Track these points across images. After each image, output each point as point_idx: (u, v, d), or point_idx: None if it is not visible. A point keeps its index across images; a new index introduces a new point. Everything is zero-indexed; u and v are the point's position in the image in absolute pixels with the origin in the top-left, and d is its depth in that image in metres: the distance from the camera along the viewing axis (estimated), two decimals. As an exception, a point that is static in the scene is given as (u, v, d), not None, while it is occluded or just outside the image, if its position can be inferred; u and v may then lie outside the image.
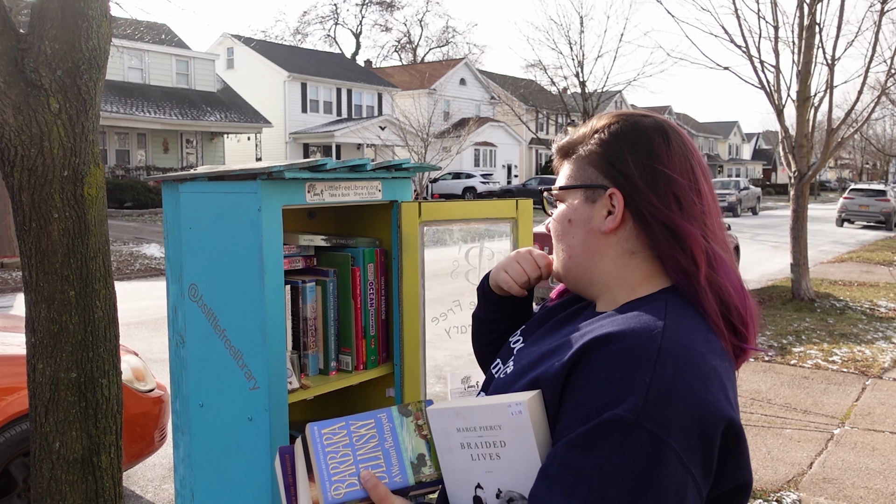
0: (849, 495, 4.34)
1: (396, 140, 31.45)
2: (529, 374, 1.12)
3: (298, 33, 56.30)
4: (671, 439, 0.96)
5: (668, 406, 0.97)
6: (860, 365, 7.21)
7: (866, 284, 12.62)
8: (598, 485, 0.95)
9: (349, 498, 1.11)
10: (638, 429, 0.95)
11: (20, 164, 2.19)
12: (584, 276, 1.23)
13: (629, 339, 1.03)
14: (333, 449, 1.16)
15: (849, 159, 61.32)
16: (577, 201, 1.22)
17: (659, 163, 1.15)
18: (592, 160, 1.21)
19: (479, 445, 1.10)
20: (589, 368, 1.03)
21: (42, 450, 2.33)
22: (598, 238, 1.19)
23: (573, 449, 0.99)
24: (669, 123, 1.22)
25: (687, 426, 0.97)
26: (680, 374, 1.00)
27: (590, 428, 0.98)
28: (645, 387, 0.97)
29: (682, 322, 1.08)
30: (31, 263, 2.27)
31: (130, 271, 13.39)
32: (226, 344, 1.79)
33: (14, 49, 2.16)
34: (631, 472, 0.95)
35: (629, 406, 0.96)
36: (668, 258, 1.14)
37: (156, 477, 4.59)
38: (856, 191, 27.99)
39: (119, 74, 26.86)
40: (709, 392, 1.01)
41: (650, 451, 0.95)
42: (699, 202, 1.16)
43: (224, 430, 1.83)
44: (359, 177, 1.92)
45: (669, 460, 0.95)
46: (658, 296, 1.14)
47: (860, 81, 10.33)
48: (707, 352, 1.06)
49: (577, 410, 1.01)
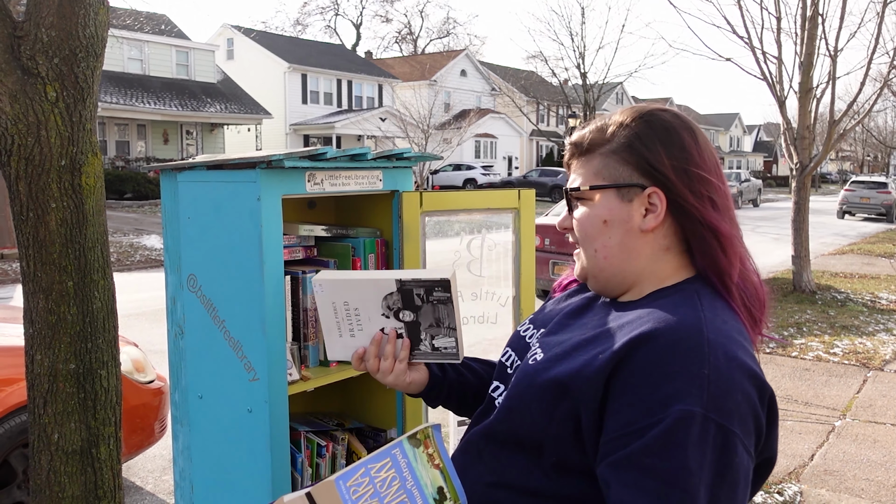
0: (850, 487, 4.34)
1: (397, 131, 31.39)
2: (566, 362, 1.12)
3: (299, 24, 56.17)
4: (736, 428, 0.99)
5: (729, 396, 1.00)
6: (861, 357, 7.20)
7: (867, 276, 12.61)
8: (688, 485, 0.96)
9: None
10: (708, 422, 0.98)
11: (17, 153, 2.17)
12: (617, 275, 1.22)
13: (677, 333, 1.04)
14: (363, 502, 1.11)
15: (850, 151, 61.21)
16: (611, 200, 1.20)
17: (692, 160, 1.16)
18: (624, 158, 1.19)
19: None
20: (641, 364, 1.03)
21: (41, 441, 2.32)
22: (637, 237, 1.18)
23: (653, 453, 0.98)
24: (687, 118, 1.23)
25: (745, 413, 1.01)
26: (731, 363, 1.02)
27: (665, 429, 0.98)
28: (705, 379, 0.99)
29: (717, 313, 1.10)
30: (28, 254, 2.25)
31: (131, 262, 13.37)
32: (225, 335, 1.77)
33: (10, 36, 2.13)
34: (709, 465, 0.97)
35: (696, 399, 0.98)
36: (704, 255, 1.16)
37: (156, 468, 4.59)
38: (857, 183, 27.93)
39: (119, 65, 26.78)
40: (750, 377, 1.04)
41: (720, 443, 0.98)
42: (725, 197, 1.19)
43: (223, 421, 1.82)
44: (359, 166, 1.90)
45: (738, 448, 0.99)
46: (685, 285, 1.17)
47: (862, 73, 10.29)
48: (743, 341, 1.09)
49: (638, 406, 1.01)
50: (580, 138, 1.26)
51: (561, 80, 30.68)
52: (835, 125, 10.42)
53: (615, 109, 1.29)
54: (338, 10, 59.77)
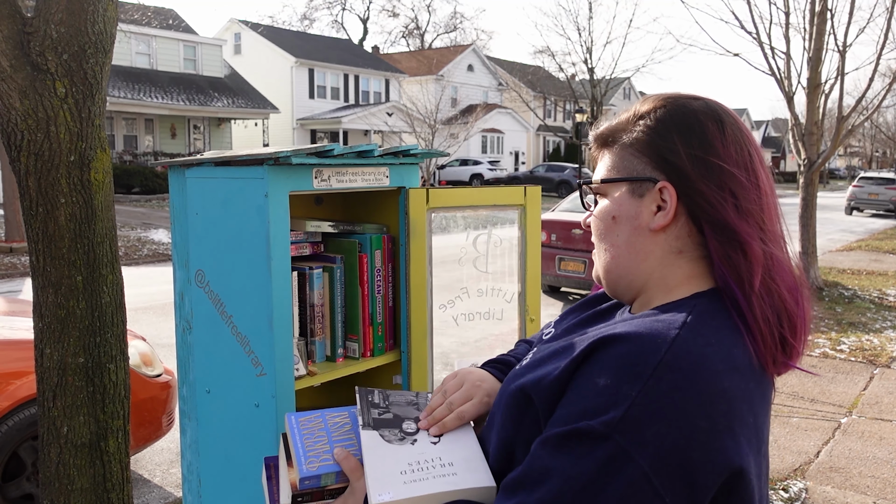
0: (856, 484, 4.33)
1: (404, 126, 31.35)
2: (538, 369, 1.06)
3: (306, 19, 56.10)
4: (642, 460, 0.88)
5: (650, 425, 0.89)
6: (868, 354, 7.19)
7: (875, 273, 12.56)
8: (557, 487, 0.91)
9: (323, 471, 1.15)
10: (608, 441, 0.89)
11: (27, 148, 2.19)
12: (625, 277, 1.12)
13: (631, 345, 0.94)
14: (309, 432, 1.21)
15: (858, 147, 60.87)
16: (622, 195, 1.10)
17: (713, 153, 1.04)
18: (638, 149, 1.09)
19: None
20: (587, 369, 0.96)
21: (50, 434, 2.34)
22: (646, 236, 1.08)
23: (546, 447, 0.95)
24: (722, 107, 1.10)
25: (668, 451, 0.88)
26: (675, 394, 0.90)
27: (564, 431, 0.93)
28: (630, 400, 0.89)
29: (703, 334, 0.97)
30: (38, 248, 2.26)
31: (138, 257, 13.42)
32: (232, 330, 1.79)
33: (20, 33, 2.14)
34: (590, 482, 0.89)
35: (606, 419, 0.90)
36: (721, 260, 1.03)
37: (163, 461, 4.62)
38: (865, 179, 27.80)
39: (127, 60, 26.83)
40: (707, 418, 0.90)
41: (615, 466, 0.88)
42: (757, 197, 1.05)
43: (231, 416, 1.83)
44: (366, 163, 1.91)
45: (634, 480, 0.88)
46: (689, 301, 1.04)
47: (871, 68, 10.25)
48: (723, 370, 0.94)
49: (563, 409, 0.96)
50: (602, 129, 1.16)
51: (568, 75, 30.62)
52: (843, 121, 10.37)
53: (622, 105, 1.24)
54: (345, 5, 59.66)
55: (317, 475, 1.15)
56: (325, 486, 1.16)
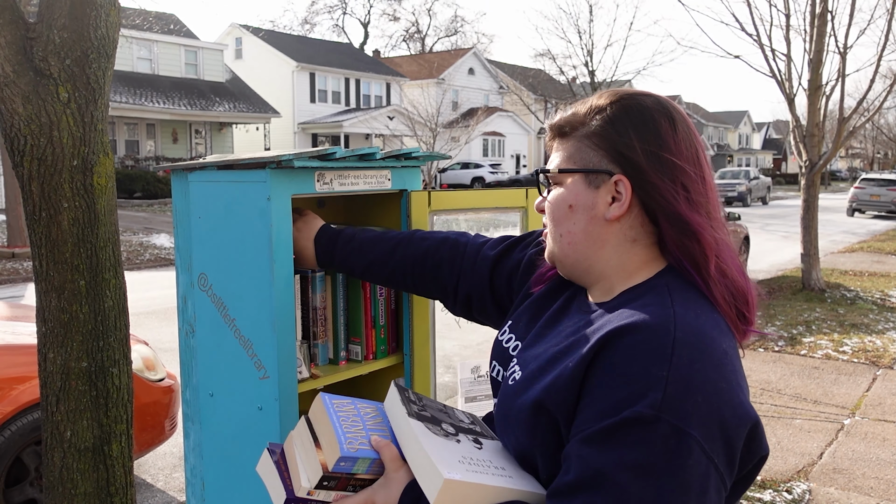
0: (859, 486, 4.33)
1: (405, 130, 31.41)
2: (543, 378, 1.09)
3: (307, 23, 56.23)
4: (693, 430, 0.95)
5: (688, 397, 0.96)
6: (871, 355, 7.18)
7: (877, 274, 12.55)
8: (621, 479, 0.94)
9: (361, 455, 1.11)
10: (660, 423, 0.94)
11: (30, 153, 2.19)
12: (582, 263, 1.18)
13: (643, 333, 1.00)
14: (345, 415, 1.17)
15: (860, 149, 60.86)
16: (579, 185, 1.16)
17: (667, 150, 1.11)
18: (595, 143, 1.15)
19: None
20: (603, 364, 1.01)
21: (53, 438, 2.34)
22: (602, 225, 1.15)
23: (592, 444, 0.97)
24: (672, 104, 1.18)
25: (707, 416, 0.96)
26: (695, 364, 0.98)
27: (609, 424, 0.96)
28: (663, 381, 0.96)
29: (690, 307, 1.06)
30: (41, 253, 2.27)
31: (141, 261, 13.44)
32: (235, 333, 1.79)
33: (23, 38, 2.15)
34: (654, 465, 0.94)
35: (649, 402, 0.95)
36: (677, 248, 1.11)
37: (167, 465, 4.62)
38: (867, 180, 27.78)
39: (128, 65, 26.89)
40: (726, 380, 1.00)
41: (673, 443, 0.94)
42: (704, 190, 1.13)
43: (234, 419, 1.84)
44: (368, 165, 1.91)
45: (693, 451, 0.95)
46: (656, 281, 1.12)
47: (872, 70, 10.25)
48: (717, 335, 1.04)
49: (593, 407, 0.99)
50: (559, 120, 1.22)
51: (569, 78, 30.63)
52: (844, 122, 10.37)
53: None
54: (346, 9, 59.74)
55: (354, 457, 1.11)
56: (355, 472, 1.12)
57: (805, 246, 10.56)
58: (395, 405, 1.19)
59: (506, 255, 1.56)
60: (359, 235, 1.76)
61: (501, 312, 1.54)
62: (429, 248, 1.67)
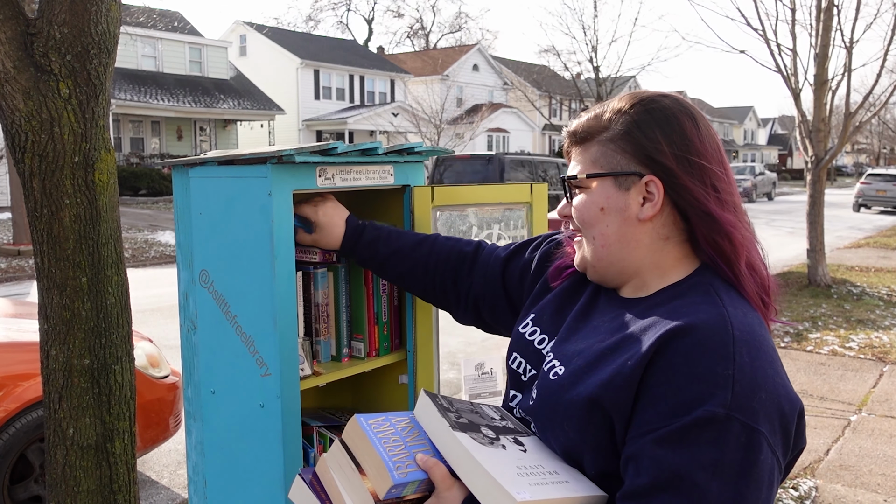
0: (866, 482, 4.31)
1: (409, 126, 31.38)
2: (595, 374, 1.09)
3: (311, 20, 56.18)
4: (762, 426, 0.98)
5: (754, 395, 0.99)
6: (877, 351, 7.15)
7: (883, 270, 12.50)
8: (699, 479, 0.95)
9: (413, 478, 1.08)
10: (732, 421, 0.96)
11: (31, 149, 2.18)
12: (616, 264, 1.19)
13: (703, 333, 1.02)
14: (384, 437, 1.14)
15: (866, 144, 60.56)
16: (608, 188, 1.17)
17: (693, 149, 1.14)
18: (622, 146, 1.17)
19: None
20: (666, 364, 1.02)
21: (56, 436, 2.34)
22: (635, 226, 1.16)
23: (665, 445, 0.98)
24: (689, 103, 1.20)
25: (770, 411, 1.00)
26: (756, 362, 1.01)
27: (683, 425, 0.97)
28: (730, 379, 0.98)
29: (738, 306, 1.09)
30: (42, 250, 2.26)
31: (146, 258, 13.46)
32: (237, 330, 1.78)
33: (23, 34, 2.14)
34: (730, 463, 0.96)
35: (720, 401, 0.97)
36: (710, 246, 1.14)
37: (171, 462, 4.62)
38: (873, 176, 27.65)
39: (133, 62, 26.90)
40: (778, 375, 1.04)
41: (744, 441, 0.97)
42: (730, 187, 1.16)
43: (236, 416, 1.82)
44: (370, 161, 1.90)
45: (763, 447, 0.98)
46: (698, 279, 1.14)
47: (879, 64, 10.19)
48: (763, 332, 1.08)
49: (658, 406, 1.00)
50: (578, 126, 1.23)
51: (573, 74, 30.49)
52: (850, 117, 10.32)
53: None
54: (350, 6, 59.72)
55: (405, 483, 1.08)
56: (404, 495, 1.09)
57: (811, 241, 10.51)
58: (432, 417, 1.15)
59: (517, 254, 1.59)
60: (386, 226, 1.81)
61: (513, 312, 1.54)
62: (454, 245, 1.71)
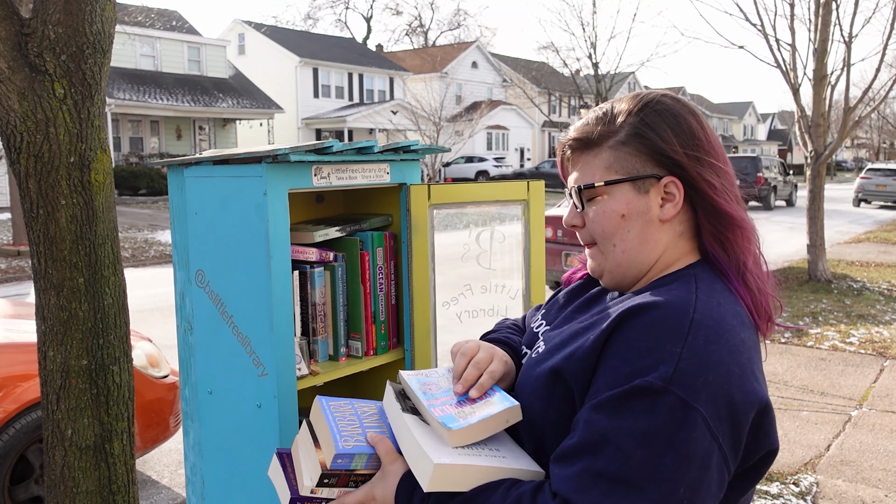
0: (867, 478, 4.30)
1: (408, 124, 31.37)
2: (563, 350, 1.13)
3: (309, 18, 56.13)
4: (700, 405, 0.98)
5: (699, 375, 0.99)
6: (878, 346, 7.14)
7: (884, 265, 12.48)
8: (625, 445, 0.97)
9: (357, 451, 1.15)
10: (668, 394, 0.97)
11: (26, 150, 2.17)
12: (634, 268, 1.19)
13: (662, 310, 1.04)
14: (341, 415, 1.21)
15: (866, 139, 60.51)
16: (628, 194, 1.16)
17: (702, 146, 1.16)
18: (636, 148, 1.16)
19: None
20: (621, 337, 1.04)
21: (54, 437, 2.33)
22: (656, 228, 1.17)
23: (601, 410, 1.01)
24: (688, 101, 1.21)
25: (716, 395, 0.99)
26: (711, 346, 1.01)
27: (619, 392, 1.00)
28: (676, 356, 0.99)
29: (713, 296, 1.09)
30: (39, 251, 2.25)
31: (145, 258, 13.45)
32: (233, 330, 1.77)
33: (18, 34, 2.13)
34: (658, 434, 0.97)
35: (660, 374, 0.98)
36: (718, 241, 1.15)
37: (171, 462, 4.62)
38: (873, 170, 27.60)
39: (131, 62, 26.88)
40: (738, 365, 1.03)
41: (678, 415, 0.97)
42: (732, 181, 1.18)
43: (233, 417, 1.82)
44: (366, 159, 1.89)
45: (697, 425, 0.97)
46: (686, 271, 1.15)
47: (878, 59, 10.17)
48: (736, 325, 1.07)
49: (607, 376, 1.03)
50: (584, 132, 1.20)
51: (572, 71, 30.49)
52: (850, 112, 10.30)
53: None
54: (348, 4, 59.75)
55: (350, 454, 1.14)
56: (354, 468, 1.15)
57: (811, 237, 10.50)
58: (390, 403, 1.22)
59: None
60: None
61: None
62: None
